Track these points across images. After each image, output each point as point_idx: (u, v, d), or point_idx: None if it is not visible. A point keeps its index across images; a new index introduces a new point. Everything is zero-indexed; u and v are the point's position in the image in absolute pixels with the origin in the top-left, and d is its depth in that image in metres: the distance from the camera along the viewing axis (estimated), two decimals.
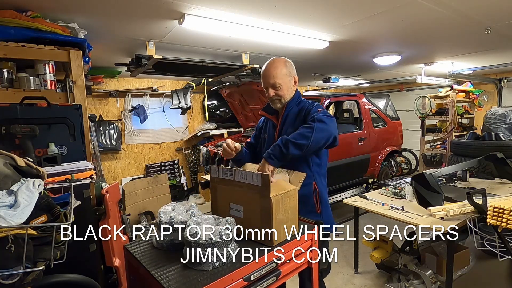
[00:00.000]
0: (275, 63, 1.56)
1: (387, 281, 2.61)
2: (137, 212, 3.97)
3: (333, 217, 1.73)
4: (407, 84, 6.93)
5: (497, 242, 1.78)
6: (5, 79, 1.85)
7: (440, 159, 4.94)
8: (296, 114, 1.58)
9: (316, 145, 1.36)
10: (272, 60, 1.58)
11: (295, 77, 1.61)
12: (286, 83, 1.56)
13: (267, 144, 1.67)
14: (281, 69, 1.54)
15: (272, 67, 1.55)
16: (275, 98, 1.57)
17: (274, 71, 1.53)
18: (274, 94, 1.55)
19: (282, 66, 1.55)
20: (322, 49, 3.32)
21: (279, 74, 1.53)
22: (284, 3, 2.13)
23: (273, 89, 1.55)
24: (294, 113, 1.59)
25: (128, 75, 4.33)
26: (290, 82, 1.58)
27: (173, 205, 1.20)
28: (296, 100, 1.61)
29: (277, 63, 1.55)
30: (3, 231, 0.76)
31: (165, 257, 1.05)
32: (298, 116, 1.56)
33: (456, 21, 2.64)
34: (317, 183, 1.59)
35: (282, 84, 1.54)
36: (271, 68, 1.55)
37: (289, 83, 1.57)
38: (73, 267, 1.23)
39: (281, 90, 1.55)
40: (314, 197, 1.57)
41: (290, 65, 1.59)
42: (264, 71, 1.58)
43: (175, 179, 5.34)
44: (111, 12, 2.19)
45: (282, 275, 1.10)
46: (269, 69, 1.55)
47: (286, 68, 1.56)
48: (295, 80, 1.60)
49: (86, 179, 1.49)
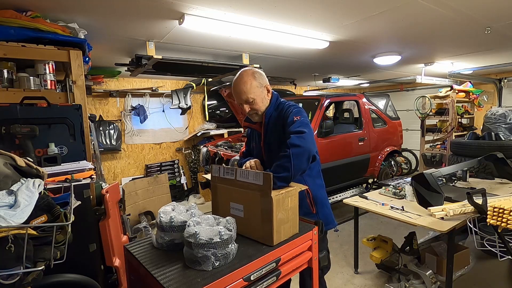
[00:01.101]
0: (243, 77, 1.52)
1: (387, 281, 2.61)
2: (137, 212, 3.98)
3: (333, 215, 1.73)
4: (407, 84, 6.94)
5: (497, 242, 1.78)
6: (5, 79, 1.85)
7: (440, 159, 4.94)
8: (276, 118, 1.57)
9: (299, 170, 1.36)
10: (240, 75, 1.54)
11: (267, 86, 1.58)
12: (259, 95, 1.53)
13: (256, 153, 1.69)
14: (251, 82, 1.51)
15: (241, 83, 1.51)
16: (252, 113, 1.57)
17: (244, 86, 1.50)
18: (249, 109, 1.54)
19: (252, 79, 1.51)
20: (322, 49, 3.32)
21: (249, 88, 1.50)
22: (284, 3, 2.13)
23: (247, 105, 1.53)
24: (274, 118, 1.58)
25: (128, 75, 4.33)
26: (262, 93, 1.55)
27: (173, 205, 1.21)
28: (274, 105, 1.60)
29: (245, 77, 1.52)
30: (3, 231, 0.76)
31: (165, 257, 1.05)
32: (277, 121, 1.56)
33: (456, 21, 2.64)
34: (309, 184, 1.56)
35: (255, 97, 1.52)
36: (241, 84, 1.51)
37: (262, 94, 1.54)
38: (73, 267, 1.23)
39: (255, 104, 1.53)
40: (308, 199, 1.59)
41: (260, 75, 1.56)
42: (234, 88, 1.54)
43: (175, 179, 5.34)
44: (111, 12, 2.19)
45: (282, 275, 1.10)
46: (239, 85, 1.52)
47: (256, 80, 1.52)
48: (268, 89, 1.58)
49: (86, 179, 1.49)
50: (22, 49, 1.83)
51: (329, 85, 6.24)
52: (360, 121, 4.53)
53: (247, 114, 1.61)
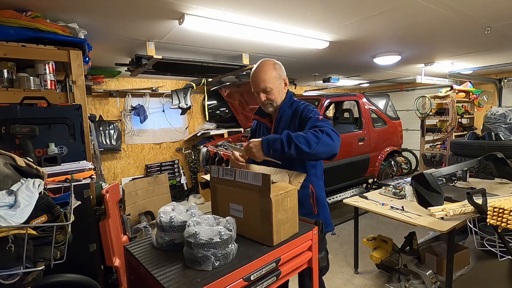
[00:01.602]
0: (264, 66, 1.51)
1: (387, 281, 2.61)
2: (137, 212, 3.98)
3: (330, 218, 1.72)
4: (407, 84, 6.94)
5: (497, 242, 1.78)
6: (5, 79, 1.85)
7: (440, 159, 4.94)
8: (291, 116, 1.55)
9: (314, 156, 1.34)
10: (261, 63, 1.53)
11: (285, 79, 1.58)
12: (277, 86, 1.52)
13: None
14: (271, 72, 1.50)
15: (262, 71, 1.50)
16: (267, 103, 1.54)
17: (264, 75, 1.49)
18: (265, 99, 1.52)
19: (272, 69, 1.51)
20: (322, 49, 3.32)
21: (269, 78, 1.49)
22: (284, 3, 2.13)
23: (264, 94, 1.52)
24: (287, 115, 1.56)
25: (128, 75, 4.33)
26: (280, 85, 1.54)
27: (173, 205, 1.20)
28: (289, 102, 1.58)
29: (266, 67, 1.51)
30: (3, 231, 0.76)
31: (165, 257, 1.05)
32: (292, 119, 1.53)
33: (456, 21, 2.64)
34: (314, 185, 1.58)
35: (273, 88, 1.50)
36: (261, 72, 1.50)
37: (279, 86, 1.53)
38: (73, 267, 1.23)
39: (272, 94, 1.51)
40: (311, 199, 1.57)
41: (280, 67, 1.56)
42: (254, 76, 1.53)
43: (175, 179, 5.34)
44: (111, 12, 2.19)
45: (282, 275, 1.10)
46: (258, 73, 1.51)
47: (276, 70, 1.52)
48: (285, 82, 1.57)
49: (86, 179, 1.49)
50: (22, 49, 1.83)
51: (329, 85, 6.24)
52: (360, 121, 4.53)
53: (260, 104, 1.58)
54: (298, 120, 1.50)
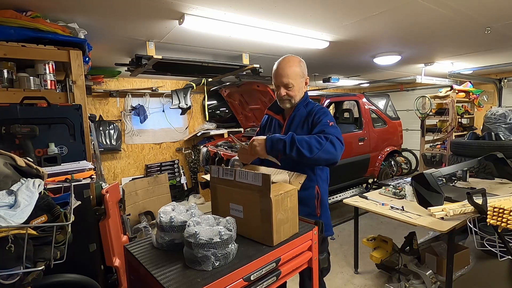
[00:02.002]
0: (290, 61, 1.50)
1: (387, 281, 2.61)
2: (137, 212, 3.98)
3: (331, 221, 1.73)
4: (407, 84, 6.93)
5: (497, 242, 1.78)
6: (5, 79, 1.85)
7: (440, 159, 4.94)
8: (305, 116, 1.54)
9: (315, 161, 1.36)
10: (287, 58, 1.52)
11: (307, 78, 1.58)
12: (299, 83, 1.52)
13: None
14: (295, 68, 1.50)
15: (287, 66, 1.49)
16: (286, 98, 1.53)
17: (289, 70, 1.49)
18: (285, 94, 1.52)
19: (297, 66, 1.50)
20: (322, 49, 3.32)
21: (292, 73, 1.49)
22: (284, 3, 2.13)
23: (285, 89, 1.51)
24: (302, 115, 1.55)
25: (128, 75, 4.33)
26: (302, 83, 1.54)
27: (173, 205, 1.20)
28: (304, 101, 1.58)
29: (292, 62, 1.50)
30: (3, 231, 0.76)
31: (165, 257, 1.05)
32: (306, 119, 1.53)
33: (456, 21, 2.64)
34: (320, 187, 1.59)
35: (294, 84, 1.50)
36: (286, 67, 1.49)
37: (301, 84, 1.53)
38: (73, 267, 1.23)
39: (292, 91, 1.51)
40: (316, 201, 1.57)
41: (304, 65, 1.56)
42: (278, 69, 1.51)
43: (175, 179, 5.34)
44: (111, 12, 2.19)
45: (282, 275, 1.10)
46: (283, 68, 1.50)
47: (300, 68, 1.52)
48: (306, 81, 1.58)
49: (86, 179, 1.49)
50: (22, 49, 1.83)
51: (329, 85, 6.24)
52: (360, 121, 4.53)
53: (278, 98, 1.56)
54: (311, 121, 1.50)
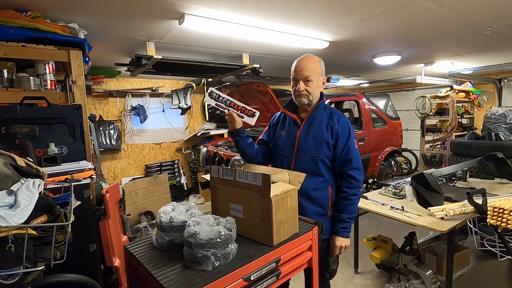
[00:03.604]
0: (312, 58, 1.53)
1: (387, 281, 2.62)
2: (137, 212, 3.98)
3: None
4: (407, 84, 6.94)
5: (497, 242, 1.78)
6: (5, 79, 1.84)
7: (440, 159, 4.94)
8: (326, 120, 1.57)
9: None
10: (308, 55, 1.56)
11: (325, 79, 1.61)
12: (317, 81, 1.54)
13: (286, 141, 1.63)
14: (317, 65, 1.52)
15: (309, 61, 1.51)
16: (304, 94, 1.52)
17: (311, 65, 1.50)
18: (303, 89, 1.51)
19: (318, 63, 1.53)
20: (322, 49, 3.32)
21: (314, 69, 1.51)
22: (284, 3, 2.13)
23: (304, 83, 1.51)
24: (322, 118, 1.57)
25: (128, 75, 4.33)
26: (320, 81, 1.56)
27: (173, 205, 1.20)
28: (323, 105, 1.60)
29: (313, 59, 1.53)
30: (3, 231, 0.76)
31: (165, 257, 1.05)
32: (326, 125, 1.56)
33: (456, 21, 2.64)
34: (333, 189, 1.60)
35: (313, 80, 1.51)
36: (308, 62, 1.51)
37: (319, 82, 1.55)
38: (73, 267, 1.23)
39: (311, 87, 1.52)
40: (330, 201, 1.58)
41: (323, 65, 1.58)
42: (299, 63, 1.53)
43: (175, 179, 5.34)
44: (111, 12, 2.19)
45: (282, 275, 1.10)
46: (305, 62, 1.51)
47: (320, 66, 1.55)
48: (323, 82, 1.59)
49: (86, 179, 1.49)
50: (22, 49, 1.83)
51: (329, 85, 6.24)
52: (360, 121, 4.53)
53: (295, 94, 1.56)
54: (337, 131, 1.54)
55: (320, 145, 1.52)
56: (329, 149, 1.53)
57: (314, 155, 1.53)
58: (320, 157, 1.53)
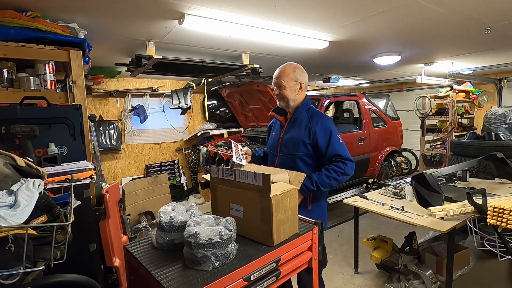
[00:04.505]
0: (285, 66, 1.74)
1: (387, 281, 2.62)
2: (137, 212, 3.98)
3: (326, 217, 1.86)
4: (407, 84, 6.93)
5: (497, 242, 1.78)
6: (5, 79, 1.84)
7: (440, 159, 4.94)
8: (307, 120, 1.72)
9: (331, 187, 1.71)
10: (285, 64, 1.76)
11: (302, 83, 1.75)
12: (291, 86, 1.71)
13: (273, 141, 1.88)
14: (288, 72, 1.72)
15: (281, 70, 1.74)
16: (278, 97, 1.76)
17: (281, 73, 1.72)
18: (277, 93, 1.74)
19: (290, 70, 1.72)
20: (322, 49, 3.32)
21: (285, 76, 1.71)
22: (284, 3, 2.13)
23: (277, 88, 1.74)
24: (303, 118, 1.74)
25: (128, 75, 4.33)
26: (294, 86, 1.73)
27: (173, 205, 1.21)
28: (306, 106, 1.77)
29: (286, 67, 1.74)
30: (3, 231, 0.76)
31: (165, 257, 1.05)
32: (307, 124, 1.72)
33: (456, 21, 2.64)
34: None
35: (285, 85, 1.71)
36: (280, 70, 1.74)
37: (293, 87, 1.72)
38: (73, 267, 1.23)
39: (284, 91, 1.72)
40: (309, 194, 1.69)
41: (300, 71, 1.75)
42: (275, 72, 1.76)
43: (175, 179, 5.34)
44: (111, 12, 2.19)
45: (282, 275, 1.10)
46: (277, 70, 1.75)
47: (294, 73, 1.72)
48: (301, 86, 1.75)
49: (86, 179, 1.49)
50: (22, 49, 1.83)
51: (329, 85, 6.24)
52: (360, 121, 4.53)
53: (275, 95, 1.79)
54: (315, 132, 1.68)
55: (297, 144, 1.70)
56: (306, 148, 1.69)
57: (292, 153, 1.72)
58: (298, 155, 1.71)
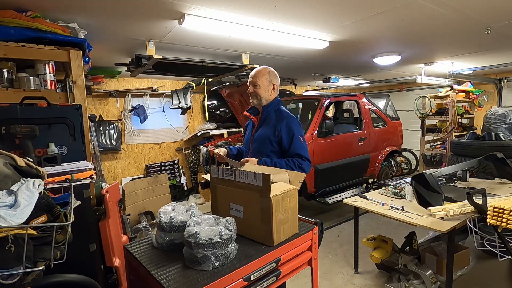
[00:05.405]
0: (261, 68, 1.90)
1: (387, 281, 2.61)
2: (137, 212, 3.98)
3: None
4: (407, 84, 6.94)
5: (497, 242, 1.78)
6: (5, 79, 1.85)
7: (440, 159, 4.94)
8: (274, 120, 1.87)
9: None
10: (261, 66, 1.93)
11: (275, 85, 1.91)
12: (265, 86, 1.87)
13: (246, 138, 2.06)
14: (263, 73, 1.88)
15: (257, 71, 1.90)
16: (252, 95, 1.90)
17: (257, 73, 1.88)
18: (252, 91, 1.89)
19: (264, 72, 1.89)
20: (322, 49, 3.32)
21: (259, 76, 1.88)
22: (284, 3, 2.13)
23: (252, 87, 1.89)
24: (272, 117, 1.89)
25: (128, 75, 4.33)
26: (268, 87, 1.89)
27: (173, 205, 1.21)
28: (275, 106, 1.92)
29: (261, 69, 1.90)
30: (3, 231, 0.76)
31: (165, 257, 1.05)
32: (275, 123, 1.85)
33: (456, 21, 2.64)
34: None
35: (260, 85, 1.87)
36: (256, 71, 1.90)
37: (267, 87, 1.88)
38: (73, 267, 1.23)
39: (258, 89, 1.87)
40: None
41: (274, 75, 1.91)
42: (251, 73, 1.91)
43: (175, 179, 5.34)
44: (111, 12, 2.19)
45: (282, 275, 1.10)
46: (253, 71, 1.91)
47: (268, 75, 1.89)
48: (274, 87, 1.91)
49: (86, 179, 1.49)
50: (22, 49, 1.83)
51: (329, 85, 6.24)
52: (360, 121, 4.53)
53: (249, 93, 1.92)
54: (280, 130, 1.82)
55: (264, 142, 1.84)
56: (271, 145, 1.83)
57: (261, 150, 1.85)
58: (265, 152, 1.83)
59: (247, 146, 2.01)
